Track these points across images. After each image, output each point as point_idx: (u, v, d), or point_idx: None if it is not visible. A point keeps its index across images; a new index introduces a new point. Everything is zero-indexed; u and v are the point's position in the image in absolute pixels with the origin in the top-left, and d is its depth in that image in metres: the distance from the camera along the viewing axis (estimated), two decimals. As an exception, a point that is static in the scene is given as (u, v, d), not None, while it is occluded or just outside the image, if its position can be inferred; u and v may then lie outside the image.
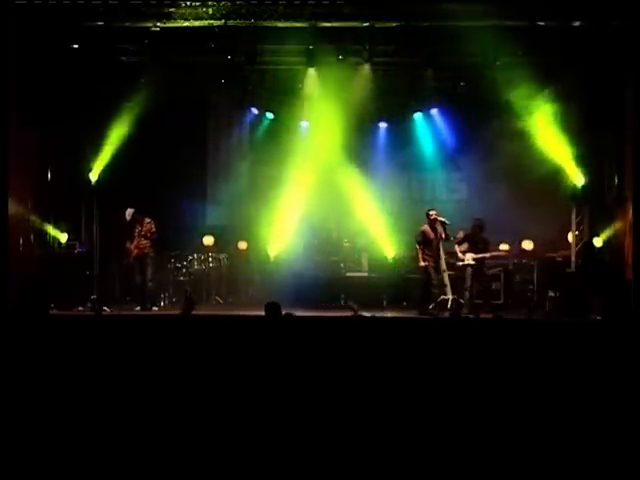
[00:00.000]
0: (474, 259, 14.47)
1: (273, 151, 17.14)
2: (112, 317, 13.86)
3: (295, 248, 17.33)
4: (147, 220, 14.97)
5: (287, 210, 17.05)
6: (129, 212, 15.09)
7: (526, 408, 6.21)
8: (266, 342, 7.42)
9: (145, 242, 14.94)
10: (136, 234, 14.98)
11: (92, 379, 6.78)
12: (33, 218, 15.06)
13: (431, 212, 14.37)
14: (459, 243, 14.76)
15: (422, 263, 14.41)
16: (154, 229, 14.94)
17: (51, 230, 15.59)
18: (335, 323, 10.20)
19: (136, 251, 14.97)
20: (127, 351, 7.56)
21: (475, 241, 14.64)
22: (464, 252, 14.56)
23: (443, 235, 14.24)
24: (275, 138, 17.31)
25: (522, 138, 15.83)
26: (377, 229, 17.21)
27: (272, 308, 8.76)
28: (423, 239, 14.36)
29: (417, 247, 14.51)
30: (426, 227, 14.33)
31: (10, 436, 5.75)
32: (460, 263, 14.61)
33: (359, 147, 17.08)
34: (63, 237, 15.72)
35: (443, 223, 14.24)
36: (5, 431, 5.82)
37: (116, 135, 15.84)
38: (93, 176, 16.14)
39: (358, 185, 17.21)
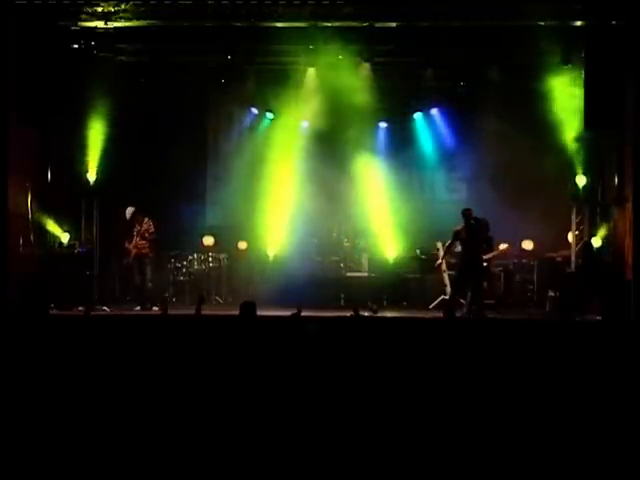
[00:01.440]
0: (484, 260, 14.45)
1: (273, 151, 17.12)
2: (112, 317, 13.87)
3: (295, 248, 17.32)
4: (146, 220, 15.02)
5: (287, 210, 17.05)
6: (129, 211, 15.14)
7: (526, 408, 6.21)
8: (258, 342, 7.42)
9: (143, 242, 14.99)
10: (135, 234, 15.02)
11: (92, 379, 6.79)
12: (33, 218, 15.05)
13: (469, 211, 13.95)
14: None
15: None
16: (152, 229, 14.99)
17: (54, 230, 15.59)
18: (334, 323, 10.19)
19: (135, 251, 15.01)
20: (127, 351, 7.56)
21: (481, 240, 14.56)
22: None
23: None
24: (275, 138, 17.28)
25: (522, 138, 15.83)
26: (378, 229, 17.21)
27: (247, 308, 8.54)
28: (457, 238, 14.00)
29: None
30: (460, 227, 13.92)
31: (10, 436, 5.75)
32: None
33: (359, 147, 17.07)
34: (65, 237, 15.72)
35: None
36: (5, 431, 5.82)
37: (116, 135, 15.86)
38: (93, 176, 16.15)
39: (358, 185, 17.23)
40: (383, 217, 17.19)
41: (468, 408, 6.20)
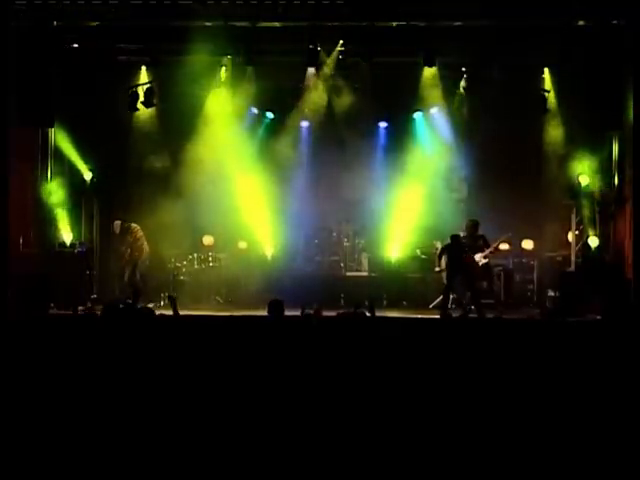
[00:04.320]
0: (484, 257, 14.51)
1: (272, 150, 17.14)
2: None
3: (295, 248, 17.34)
4: (133, 226, 15.51)
5: (287, 210, 17.06)
6: (116, 224, 15.65)
7: (526, 408, 6.21)
8: (269, 342, 7.40)
9: (136, 247, 15.47)
10: (127, 242, 15.52)
11: (92, 379, 6.78)
12: (33, 218, 15.07)
13: (457, 238, 14.47)
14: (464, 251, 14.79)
15: (437, 269, 14.81)
16: (140, 233, 15.53)
17: (58, 230, 15.66)
18: (334, 323, 10.17)
19: (133, 254, 15.46)
20: (127, 351, 7.55)
21: (474, 240, 14.66)
22: (470, 255, 14.56)
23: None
24: (275, 138, 17.30)
25: (522, 138, 15.83)
26: (378, 228, 17.21)
27: (275, 306, 8.56)
28: (444, 254, 14.66)
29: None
30: (447, 245, 14.54)
31: (10, 436, 5.75)
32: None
33: (359, 147, 17.06)
34: (68, 237, 15.76)
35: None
36: (5, 431, 5.82)
37: (116, 134, 15.89)
38: (93, 176, 16.17)
39: (358, 185, 17.23)
40: (383, 217, 17.19)
41: (468, 408, 6.21)
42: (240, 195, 17.17)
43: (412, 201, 17.09)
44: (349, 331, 7.79)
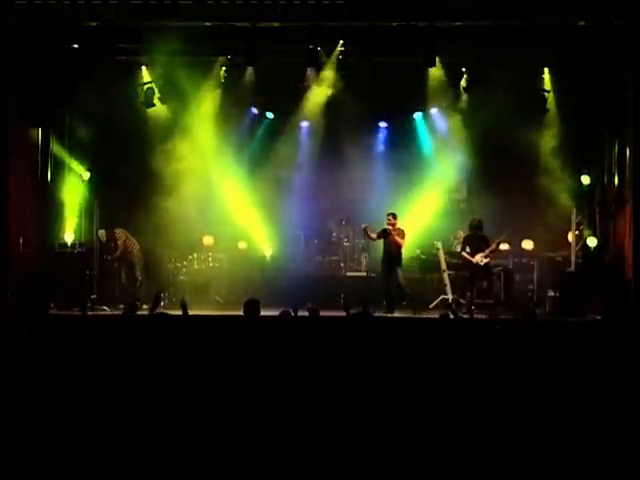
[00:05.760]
0: (485, 256, 14.52)
1: (272, 150, 17.15)
2: (111, 317, 13.86)
3: (295, 248, 17.34)
4: (117, 231, 15.61)
5: (287, 210, 17.07)
6: (101, 233, 15.85)
7: (526, 408, 6.20)
8: (258, 341, 7.39)
9: (123, 250, 15.62)
10: (112, 248, 15.69)
11: (91, 379, 6.78)
12: (33, 218, 15.06)
13: (389, 215, 15.11)
14: (463, 248, 14.79)
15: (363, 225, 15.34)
16: (124, 236, 15.67)
17: (58, 230, 15.68)
18: (333, 323, 10.17)
19: (125, 257, 15.68)
20: (126, 351, 7.56)
21: (477, 240, 14.67)
22: (472, 254, 14.56)
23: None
24: (275, 138, 17.30)
25: (522, 138, 15.82)
26: (378, 229, 17.18)
27: (251, 306, 8.41)
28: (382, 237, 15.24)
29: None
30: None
31: (10, 436, 5.75)
32: (475, 261, 14.59)
33: (359, 147, 17.06)
34: (70, 237, 15.76)
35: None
36: (5, 431, 5.82)
37: (116, 134, 15.89)
38: (92, 176, 16.18)
39: (358, 185, 17.24)
40: (383, 217, 17.16)
41: (468, 408, 6.20)
42: (240, 195, 17.18)
43: (412, 201, 17.09)
44: (349, 331, 7.79)
